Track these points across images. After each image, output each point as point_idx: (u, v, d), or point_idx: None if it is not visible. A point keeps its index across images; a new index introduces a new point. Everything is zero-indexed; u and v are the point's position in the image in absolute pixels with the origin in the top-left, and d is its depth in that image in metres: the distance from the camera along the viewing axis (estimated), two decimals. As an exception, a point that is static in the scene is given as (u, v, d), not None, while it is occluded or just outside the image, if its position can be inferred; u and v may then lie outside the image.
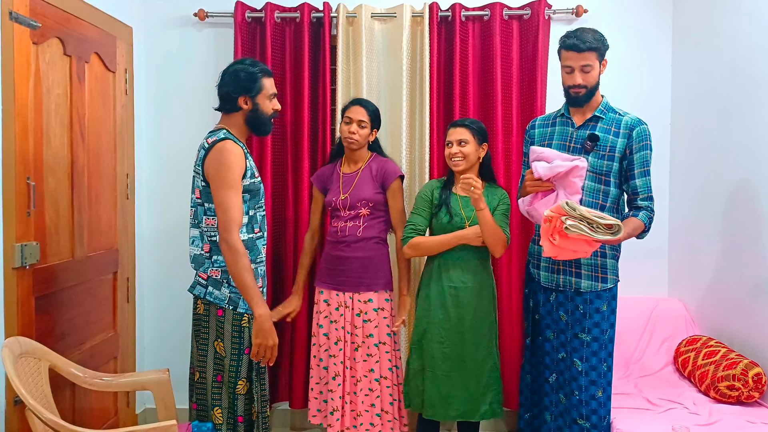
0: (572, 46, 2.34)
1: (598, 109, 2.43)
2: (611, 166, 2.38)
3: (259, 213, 2.41)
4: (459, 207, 2.63)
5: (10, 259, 2.29)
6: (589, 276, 2.42)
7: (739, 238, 2.82)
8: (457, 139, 2.60)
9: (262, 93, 2.37)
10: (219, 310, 2.32)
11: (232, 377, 2.32)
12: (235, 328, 2.32)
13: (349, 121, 2.76)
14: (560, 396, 2.47)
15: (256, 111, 2.37)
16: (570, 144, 2.45)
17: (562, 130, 2.50)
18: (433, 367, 2.61)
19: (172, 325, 3.41)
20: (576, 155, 2.37)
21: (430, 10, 3.21)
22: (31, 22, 2.37)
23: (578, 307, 2.42)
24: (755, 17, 2.71)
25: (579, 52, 2.33)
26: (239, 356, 2.32)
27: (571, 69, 2.36)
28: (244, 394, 2.34)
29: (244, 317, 2.33)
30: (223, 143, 2.26)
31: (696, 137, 3.18)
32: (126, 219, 3.20)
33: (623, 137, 2.37)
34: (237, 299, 2.32)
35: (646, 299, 3.30)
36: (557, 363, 2.48)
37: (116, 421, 3.08)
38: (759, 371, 2.53)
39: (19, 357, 2.05)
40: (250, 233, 2.35)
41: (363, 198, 2.74)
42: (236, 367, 2.32)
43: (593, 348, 2.39)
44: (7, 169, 2.28)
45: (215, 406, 2.33)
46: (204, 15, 3.31)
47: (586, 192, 2.38)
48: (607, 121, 2.41)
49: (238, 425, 2.34)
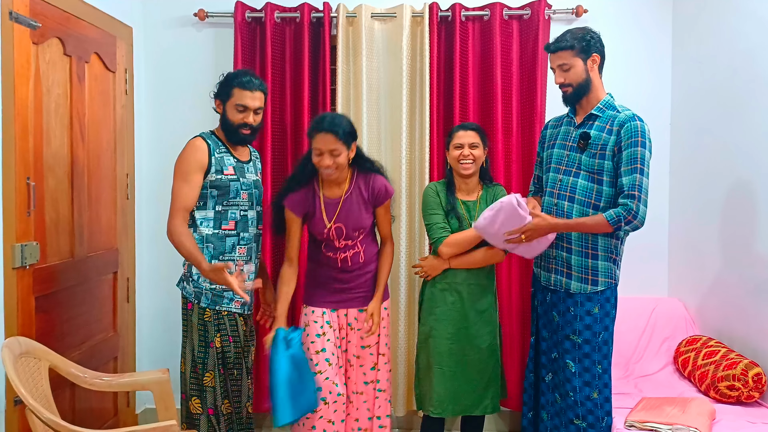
0: (546, 48, 2.45)
1: (597, 107, 2.41)
2: (603, 164, 2.35)
3: (232, 210, 2.46)
4: (464, 211, 2.63)
5: (10, 259, 2.29)
6: (578, 278, 2.40)
7: (739, 238, 2.82)
8: (469, 142, 2.58)
9: (230, 101, 2.45)
10: (189, 304, 2.47)
11: (199, 369, 2.44)
12: (200, 322, 2.45)
13: (319, 153, 2.39)
14: (556, 395, 2.47)
15: (224, 117, 2.49)
16: (568, 143, 2.46)
17: (565, 130, 2.51)
18: (440, 363, 2.61)
19: (172, 325, 3.39)
20: (569, 152, 2.44)
21: (430, 10, 3.21)
22: (31, 22, 2.37)
23: (569, 309, 2.41)
24: (755, 17, 2.71)
25: (552, 53, 2.42)
26: (205, 349, 2.44)
27: (552, 69, 2.45)
28: (212, 387, 2.43)
29: (206, 312, 2.44)
30: (192, 140, 2.46)
31: (696, 137, 3.18)
32: (126, 219, 3.20)
33: (615, 134, 2.34)
34: (200, 294, 2.44)
35: (646, 299, 3.30)
36: (551, 362, 2.49)
37: (116, 421, 3.08)
38: (759, 371, 2.53)
39: (19, 357, 2.05)
40: (216, 228, 2.44)
41: (361, 227, 2.54)
42: (203, 360, 2.44)
43: (585, 350, 2.38)
44: (7, 169, 2.28)
45: (193, 396, 2.45)
46: (204, 15, 3.31)
47: (580, 191, 2.39)
48: (603, 119, 2.39)
49: (210, 417, 2.43)
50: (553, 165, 2.49)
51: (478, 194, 2.67)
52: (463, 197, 2.65)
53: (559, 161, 2.48)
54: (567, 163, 2.45)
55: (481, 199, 2.66)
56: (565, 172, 2.44)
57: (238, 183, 2.49)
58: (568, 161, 2.44)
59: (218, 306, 2.45)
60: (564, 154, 2.47)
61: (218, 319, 2.45)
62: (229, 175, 2.46)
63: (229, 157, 2.49)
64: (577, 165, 2.41)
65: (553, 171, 2.49)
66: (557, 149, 2.50)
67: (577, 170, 2.40)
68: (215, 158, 2.44)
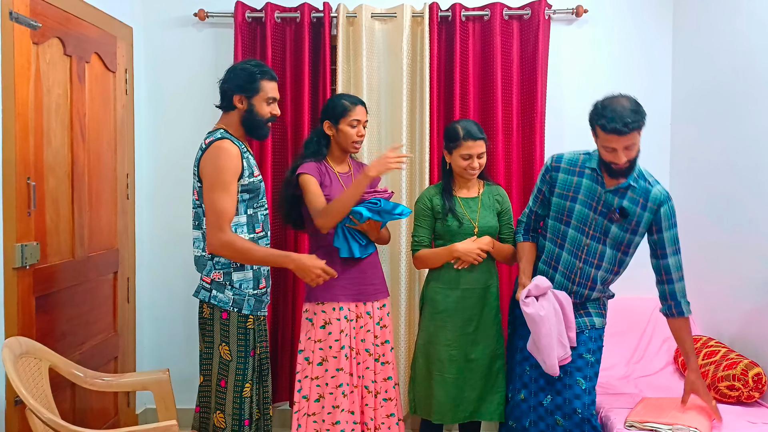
0: (614, 131, 2.11)
1: (632, 176, 2.27)
2: (632, 240, 2.34)
3: (260, 212, 2.39)
4: (464, 210, 2.62)
5: (11, 259, 2.29)
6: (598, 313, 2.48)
7: (740, 237, 2.82)
8: (478, 152, 2.56)
9: (259, 95, 2.31)
10: (224, 313, 2.29)
11: (239, 381, 2.29)
12: (241, 330, 2.30)
13: (356, 124, 2.56)
14: (557, 418, 2.40)
15: (251, 112, 2.32)
16: (597, 206, 2.32)
17: (590, 186, 2.34)
18: (441, 370, 2.57)
19: (172, 325, 3.41)
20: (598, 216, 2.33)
21: (430, 10, 3.21)
22: (31, 22, 2.37)
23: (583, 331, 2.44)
24: (755, 17, 2.71)
25: (622, 135, 2.12)
26: (245, 359, 2.30)
27: (614, 149, 2.17)
28: (249, 397, 2.32)
29: (249, 319, 2.32)
30: (220, 142, 2.24)
31: (696, 137, 3.18)
32: (126, 219, 3.20)
33: (650, 212, 2.29)
34: (241, 301, 2.31)
35: (646, 299, 3.29)
36: (551, 384, 2.43)
37: (116, 421, 3.08)
38: (759, 371, 2.53)
39: (19, 357, 2.05)
40: (251, 233, 2.34)
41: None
42: (243, 371, 2.29)
43: (596, 369, 2.42)
44: (7, 169, 2.28)
45: (218, 410, 2.31)
46: (204, 15, 3.31)
47: (607, 260, 2.37)
48: (637, 191, 2.29)
49: (245, 428, 2.31)
50: (576, 223, 2.37)
51: (478, 191, 2.66)
52: (464, 195, 2.64)
53: (584, 222, 2.35)
54: (594, 227, 2.34)
55: (482, 197, 2.65)
56: (592, 237, 2.35)
57: (262, 183, 2.42)
58: (596, 227, 2.34)
59: (259, 312, 2.37)
60: (590, 216, 2.34)
61: (259, 324, 2.38)
62: (257, 176, 2.36)
63: (251, 156, 2.38)
64: (603, 232, 2.34)
65: (575, 229, 2.38)
66: (581, 206, 2.35)
67: (604, 237, 2.34)
68: (245, 160, 2.29)
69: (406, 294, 3.25)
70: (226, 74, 2.37)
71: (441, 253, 2.58)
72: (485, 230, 2.58)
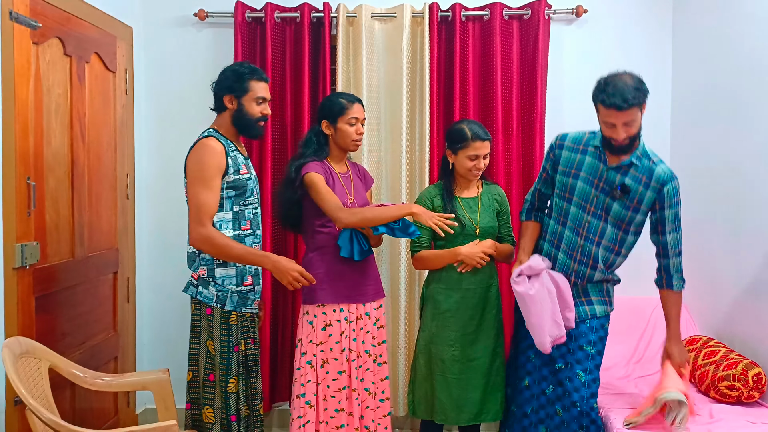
0: (613, 105, 2.13)
1: (634, 153, 2.28)
2: (634, 218, 2.34)
3: (247, 210, 2.42)
4: (465, 212, 2.61)
5: (11, 259, 2.29)
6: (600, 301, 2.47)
7: (740, 237, 2.82)
8: (484, 153, 2.55)
9: (248, 95, 2.38)
10: (208, 309, 2.35)
11: (223, 376, 2.34)
12: (224, 326, 2.36)
13: (355, 122, 2.55)
14: (557, 408, 2.42)
15: (240, 112, 2.39)
16: (599, 183, 2.34)
17: (592, 163, 2.35)
18: (443, 370, 2.56)
19: (172, 325, 3.41)
20: (599, 193, 2.34)
21: (430, 10, 3.21)
22: (31, 22, 2.37)
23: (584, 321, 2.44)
24: (755, 17, 2.71)
25: (621, 111, 2.14)
26: (229, 354, 2.35)
27: (613, 125, 2.19)
28: (235, 393, 2.36)
29: (231, 315, 2.37)
30: (205, 140, 2.33)
31: (696, 137, 3.18)
32: (126, 219, 3.20)
33: (653, 191, 2.29)
34: (224, 297, 2.35)
35: (646, 299, 3.29)
36: (554, 374, 2.45)
37: (116, 421, 3.08)
38: (759, 371, 2.53)
39: (19, 357, 2.05)
40: (236, 230, 2.38)
41: (365, 202, 2.64)
42: (227, 366, 2.35)
43: (597, 361, 2.42)
44: (7, 169, 2.28)
45: (206, 405, 2.36)
46: (204, 15, 3.31)
47: (608, 237, 2.36)
48: (640, 170, 2.29)
49: (232, 424, 2.35)
50: (577, 200, 2.38)
51: (478, 191, 2.66)
52: (464, 195, 2.64)
53: (586, 200, 2.37)
54: (596, 204, 2.35)
55: (482, 196, 2.65)
56: (593, 214, 2.36)
57: (251, 181, 2.44)
58: (597, 203, 2.35)
59: (243, 308, 2.40)
60: (592, 193, 2.35)
61: (243, 321, 2.41)
62: (244, 174, 2.39)
63: (239, 154, 2.42)
64: (604, 209, 2.35)
65: (576, 207, 2.38)
66: (582, 183, 2.37)
67: (605, 215, 2.35)
68: (231, 158, 2.35)
69: (406, 294, 3.25)
70: (218, 77, 2.44)
71: (443, 255, 2.57)
72: (486, 230, 2.58)
